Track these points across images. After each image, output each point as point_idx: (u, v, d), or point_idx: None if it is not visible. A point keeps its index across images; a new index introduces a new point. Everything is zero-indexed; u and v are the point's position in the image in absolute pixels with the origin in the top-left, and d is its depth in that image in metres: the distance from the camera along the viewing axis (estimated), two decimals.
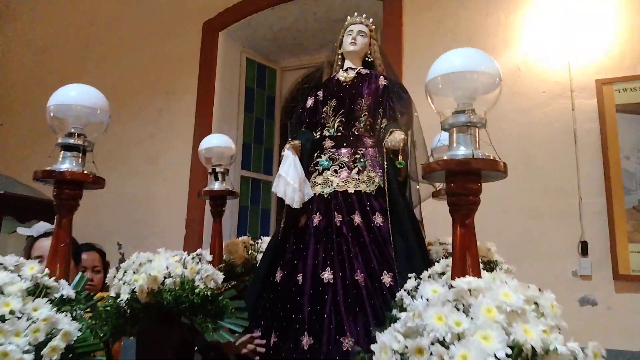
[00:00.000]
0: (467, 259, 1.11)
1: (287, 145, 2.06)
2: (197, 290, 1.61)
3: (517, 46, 3.19)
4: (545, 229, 2.97)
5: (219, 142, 2.12)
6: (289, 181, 1.91)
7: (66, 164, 1.48)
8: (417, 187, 2.04)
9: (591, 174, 2.94)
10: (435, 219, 2.26)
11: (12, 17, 5.01)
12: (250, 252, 2.29)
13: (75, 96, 1.56)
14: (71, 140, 1.50)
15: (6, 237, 3.52)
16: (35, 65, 4.71)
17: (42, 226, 2.17)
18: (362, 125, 2.09)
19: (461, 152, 1.17)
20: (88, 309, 1.40)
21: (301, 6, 3.85)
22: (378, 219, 1.90)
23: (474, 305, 0.89)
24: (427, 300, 1.00)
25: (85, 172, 1.49)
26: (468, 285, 0.94)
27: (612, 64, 2.95)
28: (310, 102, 2.22)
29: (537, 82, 3.11)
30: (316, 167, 2.08)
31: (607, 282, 2.80)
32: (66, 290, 1.27)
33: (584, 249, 2.86)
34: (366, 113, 2.10)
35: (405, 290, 1.57)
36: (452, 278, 1.08)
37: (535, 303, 0.93)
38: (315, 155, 2.11)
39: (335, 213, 1.92)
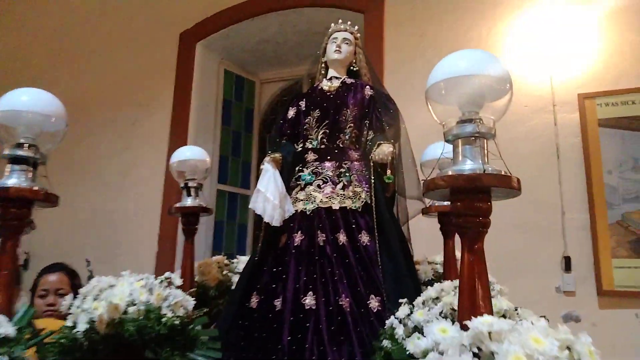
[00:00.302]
0: (478, 290, 0.92)
1: (267, 158, 1.85)
2: (163, 320, 1.40)
3: (500, 59, 3.06)
4: (528, 244, 2.83)
5: (193, 155, 1.91)
6: (269, 197, 1.70)
7: (13, 179, 1.25)
8: (405, 203, 1.85)
9: (574, 188, 2.82)
10: (421, 234, 2.08)
11: None
12: (225, 272, 2.07)
13: (26, 101, 1.33)
14: (20, 152, 1.28)
15: None
16: (5, 74, 4.40)
17: None
18: (347, 137, 1.90)
19: (468, 166, 0.99)
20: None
21: (281, 18, 3.67)
22: (364, 238, 1.71)
23: (499, 354, 0.70)
24: (436, 342, 0.81)
25: (35, 188, 1.25)
26: (488, 328, 0.75)
27: (594, 78, 2.85)
28: (291, 112, 2.02)
29: (519, 96, 2.98)
30: (298, 182, 1.87)
31: (591, 298, 2.68)
32: (4, 327, 1.03)
33: (567, 264, 2.73)
34: (352, 124, 1.91)
35: (396, 318, 1.38)
36: (462, 317, 0.89)
37: (568, 348, 0.75)
38: (296, 169, 1.91)
39: (319, 232, 1.72)
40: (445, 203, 1.78)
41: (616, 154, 2.78)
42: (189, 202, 1.91)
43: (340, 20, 2.04)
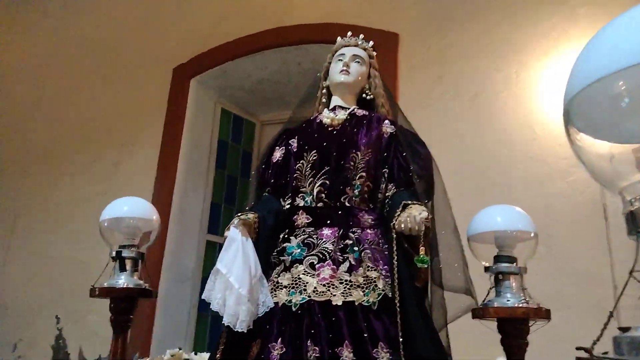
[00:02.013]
0: None
1: (235, 220, 1.13)
2: None
3: (532, 105, 2.42)
4: (573, 324, 2.07)
5: (132, 211, 1.20)
6: (232, 283, 0.99)
7: None
8: (443, 297, 1.11)
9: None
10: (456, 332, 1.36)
11: None
12: None
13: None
14: None
15: None
16: None
17: None
18: (356, 192, 1.19)
19: None
20: None
21: (283, 55, 3.07)
22: (383, 355, 0.97)
23: None
24: None
25: None
26: None
27: None
28: (278, 153, 1.32)
29: (556, 147, 2.31)
30: (281, 258, 1.15)
31: None
32: None
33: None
34: (363, 174, 1.20)
35: None
36: None
37: None
38: (281, 236, 1.20)
39: (310, 342, 0.98)
40: (511, 303, 1.05)
41: None
42: (121, 280, 1.19)
43: (349, 33, 1.37)
